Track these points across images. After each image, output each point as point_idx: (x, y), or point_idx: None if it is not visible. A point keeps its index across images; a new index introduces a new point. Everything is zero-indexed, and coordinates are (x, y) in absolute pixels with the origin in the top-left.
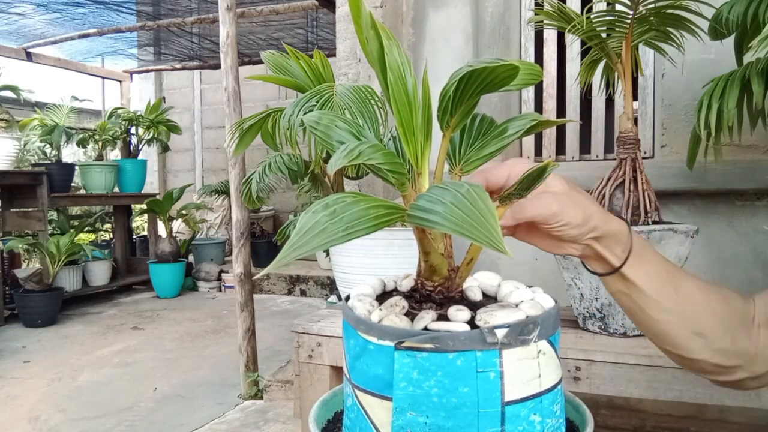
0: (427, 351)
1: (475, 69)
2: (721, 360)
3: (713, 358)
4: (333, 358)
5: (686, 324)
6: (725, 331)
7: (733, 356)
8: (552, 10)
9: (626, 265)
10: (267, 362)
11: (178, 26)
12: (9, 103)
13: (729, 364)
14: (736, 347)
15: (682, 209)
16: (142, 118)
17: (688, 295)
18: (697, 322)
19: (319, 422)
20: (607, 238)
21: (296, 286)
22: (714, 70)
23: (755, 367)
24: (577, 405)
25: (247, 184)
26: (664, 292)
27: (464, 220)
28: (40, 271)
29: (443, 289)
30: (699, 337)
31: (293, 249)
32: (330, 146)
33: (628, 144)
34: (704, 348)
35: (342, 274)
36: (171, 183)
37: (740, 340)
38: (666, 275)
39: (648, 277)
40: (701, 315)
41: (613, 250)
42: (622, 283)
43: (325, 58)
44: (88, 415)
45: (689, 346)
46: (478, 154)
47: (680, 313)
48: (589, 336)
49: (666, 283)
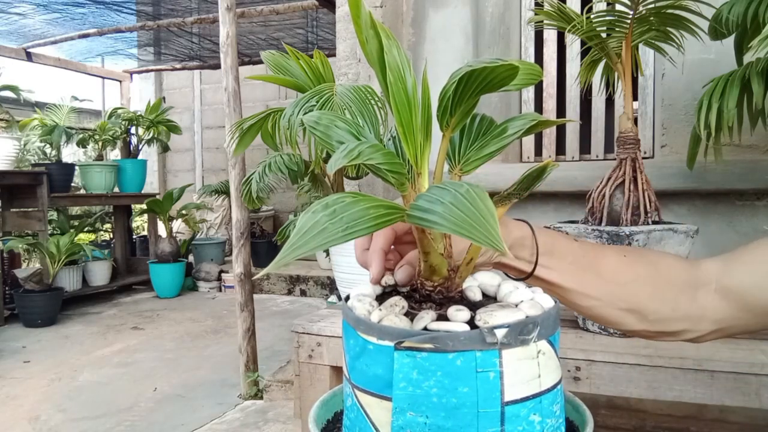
0: (426, 351)
1: (474, 69)
2: (662, 327)
3: (653, 327)
4: (333, 358)
5: (615, 303)
6: (662, 301)
7: (677, 321)
8: (552, 10)
9: (537, 267)
10: (267, 362)
11: (178, 26)
12: (9, 103)
13: (673, 329)
14: (678, 313)
15: (682, 209)
16: (142, 118)
17: (612, 276)
18: (627, 299)
19: (318, 422)
20: (512, 248)
21: (296, 286)
22: (714, 70)
23: (701, 326)
24: (577, 405)
25: (247, 184)
26: (585, 281)
27: (464, 220)
28: (40, 271)
29: (443, 289)
30: (631, 313)
31: (293, 249)
32: (330, 146)
33: (628, 144)
34: (640, 320)
35: (342, 274)
36: (171, 183)
37: (682, 305)
38: (585, 262)
39: (563, 272)
40: (631, 291)
41: (521, 258)
42: (538, 283)
43: (325, 58)
44: (88, 415)
45: (623, 321)
46: (478, 154)
47: (606, 294)
48: (589, 336)
49: (585, 270)
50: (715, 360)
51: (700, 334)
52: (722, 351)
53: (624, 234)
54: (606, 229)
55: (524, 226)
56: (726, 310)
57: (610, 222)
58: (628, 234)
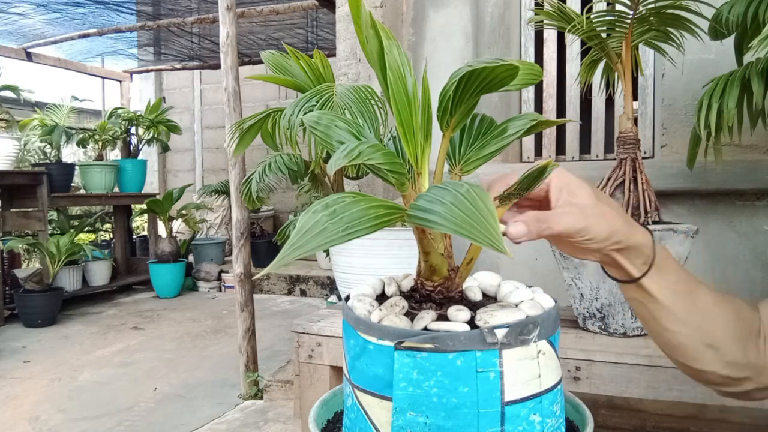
0: (426, 351)
1: (474, 69)
2: (731, 372)
3: (723, 370)
4: (333, 358)
5: (700, 336)
6: (737, 343)
7: (743, 368)
8: (552, 10)
9: (646, 277)
10: (267, 362)
11: (178, 26)
12: (9, 103)
13: (738, 376)
14: (747, 359)
15: (682, 209)
16: (142, 118)
17: (704, 308)
18: (711, 334)
19: (319, 422)
20: (630, 250)
21: (296, 286)
22: (714, 70)
23: (762, 378)
24: (577, 405)
25: (247, 184)
26: (680, 304)
27: (464, 220)
28: (40, 271)
29: (443, 289)
30: (711, 349)
31: (293, 249)
32: (330, 146)
33: (628, 144)
34: (715, 360)
35: (342, 274)
36: (171, 183)
37: (750, 351)
38: (684, 287)
39: (666, 290)
40: (716, 327)
41: (634, 262)
42: (638, 292)
43: (325, 58)
44: (88, 415)
45: (701, 357)
46: (478, 154)
47: (695, 325)
48: (589, 336)
49: (684, 295)
50: None
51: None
52: None
53: None
54: None
55: (647, 235)
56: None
57: None
58: None
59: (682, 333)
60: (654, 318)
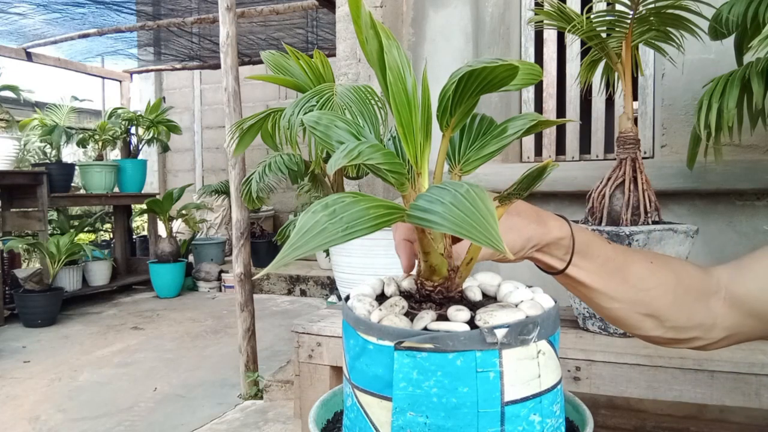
0: (426, 351)
1: (474, 69)
2: (676, 334)
3: (667, 334)
4: (333, 358)
5: (636, 308)
6: (680, 308)
7: (689, 330)
8: (552, 10)
9: (569, 266)
10: (267, 362)
11: (178, 26)
12: (9, 103)
13: (684, 337)
14: (692, 321)
15: (682, 209)
16: (142, 118)
17: (638, 282)
18: (648, 305)
19: (318, 422)
20: (549, 246)
21: (296, 286)
22: (714, 70)
23: (713, 334)
24: (577, 405)
25: (247, 184)
26: (611, 284)
27: (464, 220)
28: (40, 271)
29: (443, 289)
30: (650, 317)
31: (293, 249)
32: (330, 146)
33: (628, 144)
34: (657, 326)
35: (342, 274)
36: (171, 183)
37: (697, 313)
38: (614, 265)
39: (593, 274)
40: (653, 298)
41: (555, 255)
42: (566, 280)
43: (325, 58)
44: (88, 415)
45: (642, 326)
46: (478, 154)
47: (628, 299)
48: (589, 336)
49: (614, 274)
50: (715, 360)
51: (710, 342)
52: (722, 351)
53: (624, 234)
54: (606, 229)
55: (564, 226)
56: (735, 317)
57: (610, 222)
58: (628, 234)
59: (617, 308)
60: (588, 298)
